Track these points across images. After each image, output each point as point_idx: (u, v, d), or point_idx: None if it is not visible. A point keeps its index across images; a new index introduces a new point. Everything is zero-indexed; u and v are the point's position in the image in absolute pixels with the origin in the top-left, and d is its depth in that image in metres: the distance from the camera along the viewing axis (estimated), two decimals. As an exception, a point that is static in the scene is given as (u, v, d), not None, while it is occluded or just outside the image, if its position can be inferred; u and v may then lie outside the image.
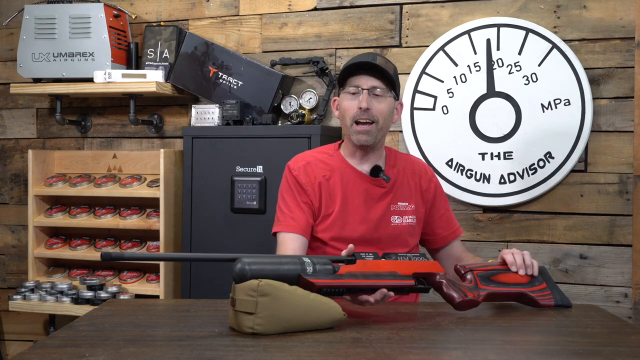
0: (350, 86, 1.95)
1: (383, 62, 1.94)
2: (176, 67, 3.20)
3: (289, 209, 1.98)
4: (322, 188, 1.99)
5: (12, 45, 3.60)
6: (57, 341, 1.37)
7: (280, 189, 2.05)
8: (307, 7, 3.18)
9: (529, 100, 2.84)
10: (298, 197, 1.99)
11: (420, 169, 2.10)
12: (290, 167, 2.04)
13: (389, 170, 2.03)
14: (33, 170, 3.34)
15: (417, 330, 1.49)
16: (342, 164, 2.02)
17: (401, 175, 2.04)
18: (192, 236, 3.02)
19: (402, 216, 2.00)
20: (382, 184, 2.00)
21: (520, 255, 1.75)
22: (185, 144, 3.04)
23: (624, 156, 2.78)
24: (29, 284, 3.27)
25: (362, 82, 1.93)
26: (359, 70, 1.94)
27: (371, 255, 1.58)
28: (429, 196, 2.07)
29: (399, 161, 2.07)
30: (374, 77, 1.93)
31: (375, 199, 1.99)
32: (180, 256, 2.37)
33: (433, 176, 2.12)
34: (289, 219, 1.97)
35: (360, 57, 1.99)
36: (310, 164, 2.02)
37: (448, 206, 2.15)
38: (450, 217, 2.13)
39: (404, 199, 2.02)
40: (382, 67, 1.92)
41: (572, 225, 2.84)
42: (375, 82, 1.93)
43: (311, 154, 2.08)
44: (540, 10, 2.87)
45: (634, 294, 2.75)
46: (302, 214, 1.97)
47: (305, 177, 1.99)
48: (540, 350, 1.37)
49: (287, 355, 1.27)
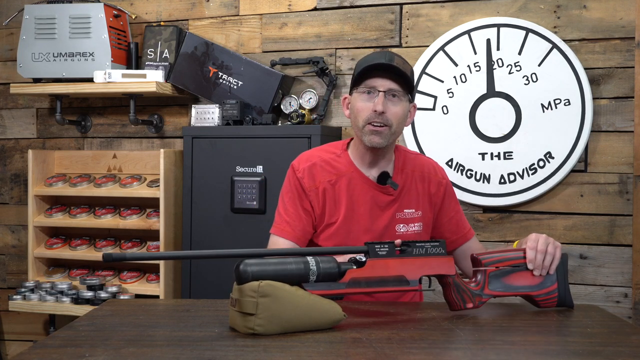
0: (365, 86, 1.86)
1: (401, 63, 1.85)
2: (176, 67, 3.20)
3: (286, 213, 1.93)
4: (326, 194, 1.91)
5: (12, 45, 3.60)
6: (57, 341, 1.37)
7: (283, 189, 1.98)
8: (307, 7, 3.18)
9: (529, 100, 2.84)
10: (298, 202, 1.92)
11: (430, 171, 2.00)
12: (295, 167, 1.96)
13: (397, 175, 1.95)
14: (33, 170, 3.34)
15: (417, 330, 1.49)
16: (350, 168, 1.94)
17: (409, 181, 1.96)
18: (192, 236, 3.02)
19: (408, 224, 1.94)
20: (389, 192, 1.92)
21: (542, 255, 1.67)
22: (185, 144, 3.04)
23: (624, 156, 2.78)
24: (29, 284, 3.27)
25: (379, 83, 1.84)
26: (375, 70, 1.84)
27: (386, 247, 1.55)
28: (437, 200, 2.00)
29: (408, 164, 1.98)
30: (391, 79, 1.84)
31: (381, 207, 1.92)
32: (182, 254, 2.28)
33: (443, 178, 2.03)
34: (285, 224, 1.92)
35: (377, 56, 1.88)
36: (315, 166, 1.93)
37: (459, 208, 2.05)
38: (460, 220, 2.04)
39: (410, 205, 1.95)
40: (401, 68, 1.83)
41: (572, 225, 2.84)
42: (392, 85, 1.84)
43: (317, 153, 1.99)
44: (540, 10, 2.87)
45: (634, 294, 2.75)
46: (299, 221, 1.91)
47: (309, 181, 1.92)
48: (540, 350, 1.37)
49: (287, 355, 1.27)
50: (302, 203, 1.92)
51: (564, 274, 1.70)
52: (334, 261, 1.50)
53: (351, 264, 1.52)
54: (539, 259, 1.67)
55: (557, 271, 1.69)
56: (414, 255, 1.58)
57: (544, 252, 1.67)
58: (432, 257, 1.59)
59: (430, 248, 1.60)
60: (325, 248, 1.81)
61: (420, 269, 1.57)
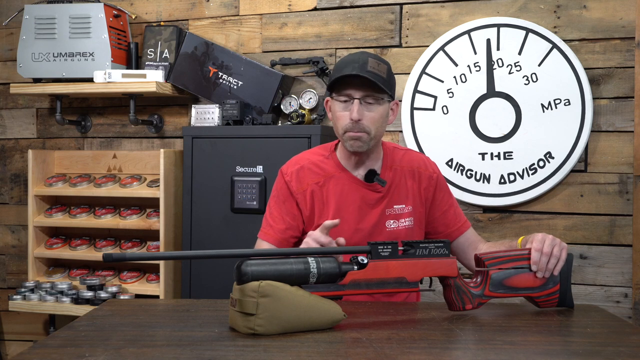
0: (341, 94, 1.86)
1: (375, 66, 1.83)
2: (176, 67, 3.20)
3: (271, 217, 1.96)
4: (314, 196, 1.93)
5: (12, 45, 3.60)
6: (57, 341, 1.37)
7: (271, 192, 2.01)
8: (307, 7, 3.18)
9: (529, 100, 2.84)
10: (283, 206, 1.95)
11: (420, 166, 2.00)
12: (283, 171, 1.98)
13: (385, 172, 1.96)
14: (33, 170, 3.34)
15: (417, 330, 1.49)
16: (337, 168, 1.96)
17: (398, 177, 1.97)
18: (192, 236, 3.02)
19: (399, 219, 1.94)
20: (377, 189, 1.93)
21: (547, 257, 1.65)
22: (185, 144, 3.04)
23: (624, 156, 2.78)
24: (29, 284, 3.27)
25: (353, 91, 1.84)
26: (349, 77, 1.83)
27: (389, 248, 1.55)
28: (429, 194, 1.99)
29: (396, 161, 1.99)
30: (366, 84, 1.83)
31: (370, 204, 1.93)
32: (182, 254, 2.24)
33: (434, 172, 2.02)
34: (268, 227, 1.96)
35: (350, 61, 1.85)
36: (303, 169, 1.96)
37: (452, 201, 2.04)
38: (454, 214, 2.03)
39: (400, 201, 1.95)
40: (374, 73, 1.81)
41: (572, 225, 2.84)
42: (366, 91, 1.84)
43: (307, 156, 2.01)
44: (540, 10, 2.87)
45: (634, 294, 2.75)
46: (283, 224, 1.93)
47: (297, 184, 1.94)
48: (540, 350, 1.37)
49: (287, 355, 1.27)
50: (287, 207, 1.95)
51: (567, 275, 1.69)
52: (335, 261, 1.50)
53: (352, 265, 1.52)
54: (543, 261, 1.65)
55: (561, 272, 1.68)
56: (417, 257, 1.57)
57: (549, 255, 1.66)
58: (434, 259, 1.59)
59: (434, 249, 1.59)
60: (327, 248, 1.81)
61: (421, 271, 1.57)
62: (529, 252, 1.67)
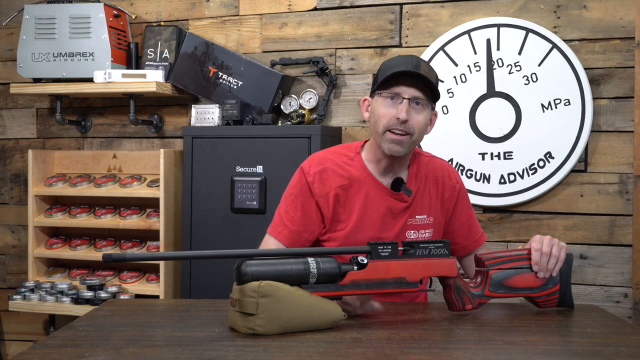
0: (390, 92, 1.79)
1: (427, 70, 1.78)
2: (176, 67, 3.20)
3: (287, 216, 1.88)
4: (338, 199, 1.86)
5: (12, 45, 3.60)
6: (57, 341, 1.37)
7: (288, 189, 1.92)
8: (307, 7, 3.18)
9: (529, 100, 2.84)
10: (301, 206, 1.87)
11: (444, 176, 1.95)
12: (305, 170, 1.89)
13: (412, 181, 1.89)
14: (33, 170, 3.34)
15: (417, 330, 1.49)
16: (363, 172, 1.88)
17: (422, 186, 1.91)
18: (192, 236, 3.02)
19: (419, 230, 1.89)
20: (403, 199, 1.87)
21: (546, 257, 1.65)
22: (185, 144, 3.04)
23: (624, 156, 2.78)
24: (29, 284, 3.27)
25: (404, 90, 1.78)
26: (401, 77, 1.78)
27: (389, 248, 1.54)
28: (450, 205, 1.95)
29: (422, 169, 1.93)
30: (417, 86, 1.78)
31: (394, 214, 1.87)
32: (182, 254, 2.22)
33: (457, 182, 1.97)
34: (282, 226, 1.88)
35: (404, 60, 1.81)
36: (327, 170, 1.87)
37: (472, 213, 2.01)
38: (472, 225, 2.00)
39: (423, 211, 1.89)
40: (427, 76, 1.76)
41: (572, 225, 2.84)
42: (417, 93, 1.78)
43: (330, 157, 1.91)
44: (540, 10, 2.87)
45: (634, 294, 2.75)
46: (300, 226, 1.86)
47: (319, 186, 1.86)
48: (540, 350, 1.37)
49: (287, 355, 1.27)
50: (306, 207, 1.87)
51: (567, 275, 1.69)
52: (335, 261, 1.50)
53: (352, 266, 1.52)
54: (543, 261, 1.66)
55: (560, 272, 1.68)
56: (417, 257, 1.57)
57: (549, 255, 1.66)
58: (434, 259, 1.58)
59: (434, 249, 1.58)
60: (328, 248, 1.81)
61: (421, 271, 1.56)
62: (528, 253, 1.68)
